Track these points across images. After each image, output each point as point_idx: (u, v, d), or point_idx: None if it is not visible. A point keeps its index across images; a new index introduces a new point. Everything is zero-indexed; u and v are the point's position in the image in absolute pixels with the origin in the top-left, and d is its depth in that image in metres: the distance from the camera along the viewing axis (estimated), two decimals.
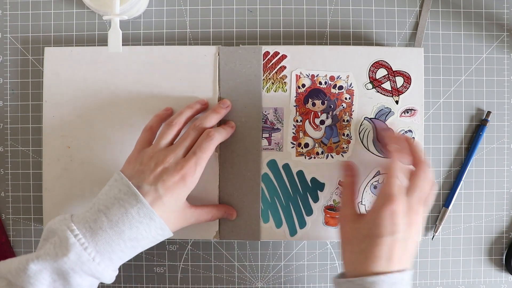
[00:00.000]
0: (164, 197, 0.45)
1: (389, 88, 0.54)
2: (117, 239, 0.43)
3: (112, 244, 0.43)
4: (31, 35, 0.57)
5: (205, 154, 0.47)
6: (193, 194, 0.48)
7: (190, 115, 0.51)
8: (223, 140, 0.51)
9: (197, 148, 0.47)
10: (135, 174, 0.46)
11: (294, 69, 0.54)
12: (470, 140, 0.57)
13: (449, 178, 0.58)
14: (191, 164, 0.46)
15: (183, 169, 0.45)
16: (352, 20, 0.57)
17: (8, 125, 0.57)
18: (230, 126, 0.52)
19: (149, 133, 0.50)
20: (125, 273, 0.57)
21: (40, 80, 0.57)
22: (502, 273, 0.58)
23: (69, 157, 0.55)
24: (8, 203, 0.57)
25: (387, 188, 0.44)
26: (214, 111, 0.51)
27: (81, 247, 0.42)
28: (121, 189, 0.45)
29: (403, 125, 0.54)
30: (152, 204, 0.44)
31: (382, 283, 0.42)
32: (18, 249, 0.57)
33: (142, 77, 0.54)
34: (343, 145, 0.54)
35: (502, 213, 0.58)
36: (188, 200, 0.48)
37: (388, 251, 0.43)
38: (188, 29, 0.57)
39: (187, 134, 0.49)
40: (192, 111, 0.51)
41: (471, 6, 0.58)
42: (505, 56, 0.57)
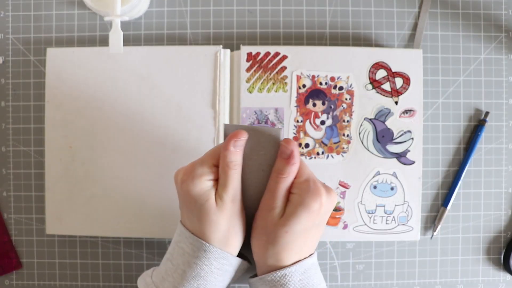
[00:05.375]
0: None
1: (389, 89, 0.55)
2: (181, 280, 0.42)
3: (178, 287, 0.42)
4: (33, 36, 0.57)
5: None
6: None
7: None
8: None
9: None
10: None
11: (295, 69, 0.54)
12: (469, 140, 0.58)
13: (448, 178, 0.58)
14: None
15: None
16: (352, 21, 0.58)
17: (10, 125, 0.57)
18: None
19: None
20: (126, 272, 0.58)
21: (42, 81, 0.57)
22: (500, 272, 0.59)
23: (71, 157, 0.55)
24: (10, 202, 0.57)
25: (312, 184, 0.42)
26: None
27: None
28: (177, 231, 0.44)
29: (402, 126, 0.55)
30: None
31: (294, 274, 0.41)
32: (20, 248, 0.57)
33: (143, 77, 0.55)
34: (343, 145, 0.55)
35: (500, 213, 0.58)
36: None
37: (308, 239, 0.43)
38: (188, 30, 0.57)
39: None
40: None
41: (470, 8, 0.58)
42: (503, 57, 0.58)
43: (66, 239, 0.58)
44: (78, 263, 0.58)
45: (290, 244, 0.42)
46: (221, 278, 0.42)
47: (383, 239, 0.56)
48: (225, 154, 0.41)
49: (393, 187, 0.55)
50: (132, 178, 0.55)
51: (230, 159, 0.41)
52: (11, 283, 0.58)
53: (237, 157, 0.42)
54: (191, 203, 0.42)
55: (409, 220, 0.55)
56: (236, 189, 0.42)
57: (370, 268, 0.58)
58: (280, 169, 0.42)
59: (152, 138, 0.55)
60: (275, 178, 0.42)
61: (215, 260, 0.42)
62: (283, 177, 0.42)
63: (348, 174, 0.55)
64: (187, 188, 0.41)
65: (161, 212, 0.55)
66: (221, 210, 0.41)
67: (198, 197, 0.41)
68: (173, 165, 0.54)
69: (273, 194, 0.42)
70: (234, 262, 0.43)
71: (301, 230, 0.41)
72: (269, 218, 0.42)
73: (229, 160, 0.41)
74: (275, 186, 0.42)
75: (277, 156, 0.43)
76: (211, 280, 0.42)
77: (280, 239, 0.41)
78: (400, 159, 0.55)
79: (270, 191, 0.42)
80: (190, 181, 0.41)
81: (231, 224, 0.42)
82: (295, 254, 0.42)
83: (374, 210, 0.55)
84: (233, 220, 0.42)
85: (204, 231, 0.42)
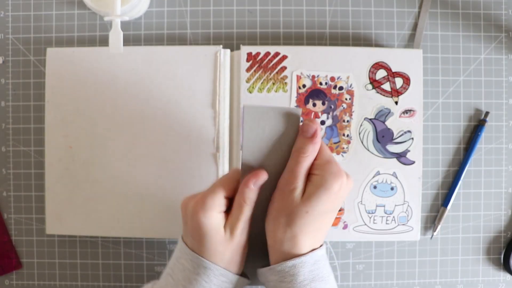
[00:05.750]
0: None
1: (389, 89, 0.55)
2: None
3: None
4: (33, 36, 0.57)
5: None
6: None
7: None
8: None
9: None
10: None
11: (295, 69, 0.54)
12: (469, 140, 0.58)
13: (448, 178, 0.58)
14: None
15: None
16: (352, 21, 0.58)
17: (10, 125, 0.57)
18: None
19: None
20: (126, 272, 0.58)
21: (42, 81, 0.57)
22: (500, 272, 0.59)
23: (71, 157, 0.55)
24: (10, 202, 0.57)
25: (334, 167, 0.42)
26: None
27: None
28: (178, 247, 0.45)
29: (402, 126, 0.55)
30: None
31: (305, 264, 0.41)
32: (20, 248, 0.57)
33: (143, 77, 0.55)
34: (343, 145, 0.55)
35: (500, 213, 0.58)
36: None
37: (323, 224, 0.43)
38: (188, 30, 0.58)
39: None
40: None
41: (470, 7, 0.58)
42: (503, 57, 0.58)
43: (66, 239, 0.58)
44: (78, 263, 0.58)
45: (308, 226, 0.42)
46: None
47: (383, 239, 0.56)
48: (244, 191, 0.42)
49: (393, 187, 0.55)
50: (132, 178, 0.55)
51: (249, 196, 0.42)
52: (11, 283, 0.58)
53: (255, 194, 0.42)
54: (200, 234, 0.42)
55: (409, 220, 0.55)
56: (247, 222, 0.43)
57: (370, 268, 0.58)
58: (301, 147, 0.42)
59: (152, 138, 0.55)
60: (296, 157, 0.42)
61: (214, 277, 0.42)
62: (305, 156, 0.41)
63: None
64: (197, 220, 0.41)
65: (161, 212, 0.55)
66: (228, 242, 0.42)
67: (209, 230, 0.41)
68: (173, 165, 0.54)
69: (294, 173, 0.42)
70: (234, 279, 0.43)
71: (320, 212, 0.41)
72: (289, 199, 0.41)
73: (247, 197, 0.42)
74: (296, 165, 0.42)
75: (299, 135, 0.42)
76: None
77: (300, 220, 0.41)
78: (400, 159, 0.55)
79: (290, 170, 0.42)
80: (202, 213, 0.41)
81: (235, 254, 0.43)
82: (311, 238, 0.42)
83: (374, 210, 0.55)
84: (238, 250, 0.43)
85: (208, 256, 0.42)
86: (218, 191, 0.42)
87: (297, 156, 0.42)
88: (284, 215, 0.42)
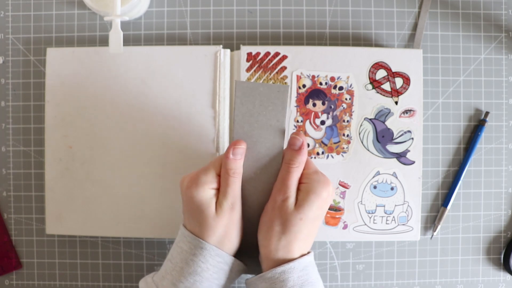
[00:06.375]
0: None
1: (389, 89, 0.55)
2: (179, 277, 0.44)
3: (176, 284, 0.44)
4: (33, 36, 0.57)
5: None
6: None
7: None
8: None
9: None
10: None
11: (295, 69, 0.54)
12: (469, 140, 0.58)
13: (448, 178, 0.58)
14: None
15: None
16: (352, 21, 0.58)
17: (10, 125, 0.57)
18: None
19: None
20: (126, 272, 0.58)
21: (42, 81, 0.57)
22: (500, 272, 0.59)
23: (71, 157, 0.55)
24: (10, 202, 0.57)
25: (321, 177, 0.45)
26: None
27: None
28: (179, 233, 0.46)
29: (402, 126, 0.55)
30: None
31: (293, 270, 0.43)
32: (20, 248, 0.57)
33: (143, 77, 0.55)
34: (343, 145, 0.55)
35: (500, 213, 0.58)
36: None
37: (314, 230, 0.45)
38: (188, 30, 0.58)
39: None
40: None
41: (470, 7, 0.58)
42: (503, 57, 0.58)
43: (66, 239, 0.58)
44: (78, 263, 0.58)
45: (301, 232, 0.44)
46: (216, 275, 0.44)
47: (383, 239, 0.56)
48: (225, 162, 0.44)
49: (393, 187, 0.55)
50: (132, 178, 0.55)
51: (230, 166, 0.44)
52: (11, 283, 0.58)
53: (237, 164, 0.44)
54: (193, 208, 0.44)
55: (409, 220, 0.55)
56: (236, 196, 0.44)
57: (370, 268, 0.58)
58: (291, 159, 0.45)
59: (152, 138, 0.55)
60: (286, 169, 0.45)
61: (210, 257, 0.43)
62: (295, 167, 0.44)
63: (348, 174, 0.55)
64: (190, 195, 0.44)
65: (161, 212, 0.55)
66: (219, 216, 0.44)
67: (200, 204, 0.43)
68: (173, 165, 0.54)
69: (286, 183, 0.44)
70: (229, 260, 0.45)
71: (312, 218, 0.44)
72: (283, 208, 0.44)
73: (228, 168, 0.44)
74: (287, 176, 0.44)
75: (287, 148, 0.46)
76: (207, 277, 0.43)
77: (294, 227, 0.43)
78: (400, 159, 0.55)
79: (282, 181, 0.45)
80: (194, 188, 0.43)
81: (228, 230, 0.44)
82: (303, 244, 0.45)
83: (374, 210, 0.55)
84: (230, 226, 0.44)
85: (203, 233, 0.44)
86: (210, 168, 0.45)
87: (287, 167, 0.45)
88: (278, 224, 0.44)
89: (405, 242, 0.58)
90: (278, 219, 0.44)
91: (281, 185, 0.44)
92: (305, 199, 0.43)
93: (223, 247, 0.44)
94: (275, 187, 0.45)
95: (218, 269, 0.44)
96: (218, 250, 0.44)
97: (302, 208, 0.43)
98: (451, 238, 0.58)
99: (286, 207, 0.44)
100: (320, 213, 0.44)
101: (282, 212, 0.44)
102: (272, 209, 0.44)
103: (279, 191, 0.44)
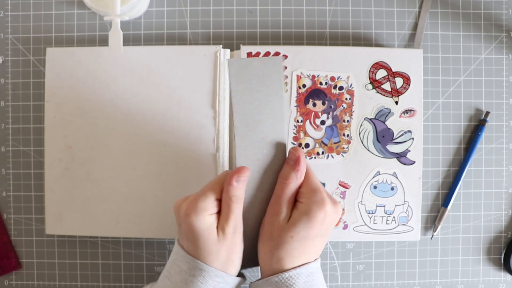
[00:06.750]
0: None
1: (389, 89, 0.55)
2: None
3: None
4: (33, 36, 0.57)
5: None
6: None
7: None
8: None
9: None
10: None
11: (295, 69, 0.54)
12: (469, 140, 0.58)
13: (448, 178, 0.58)
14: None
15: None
16: (352, 21, 0.58)
17: (9, 125, 0.57)
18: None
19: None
20: (126, 272, 0.58)
21: (41, 81, 0.57)
22: (501, 272, 0.58)
23: (71, 157, 0.55)
24: (9, 202, 0.57)
25: (318, 191, 0.44)
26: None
27: None
28: (174, 250, 0.45)
29: (403, 126, 0.55)
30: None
31: (300, 276, 0.43)
32: (20, 248, 0.57)
33: (143, 77, 0.55)
34: (343, 145, 0.55)
35: (501, 213, 0.58)
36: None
37: (311, 247, 0.44)
38: (188, 30, 0.57)
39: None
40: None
41: (470, 7, 0.58)
42: (503, 57, 0.58)
43: (66, 239, 0.58)
44: (78, 263, 0.58)
45: (294, 250, 0.43)
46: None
47: (383, 239, 0.56)
48: (228, 189, 0.43)
49: (393, 187, 0.55)
50: (132, 178, 0.55)
51: (234, 193, 0.43)
52: (10, 283, 0.58)
53: (240, 191, 0.43)
54: (194, 235, 0.43)
55: (409, 220, 0.55)
56: (238, 220, 0.44)
57: (370, 268, 0.58)
58: (285, 174, 0.44)
59: (152, 138, 0.54)
60: (280, 184, 0.44)
61: (210, 278, 0.42)
62: (287, 183, 0.44)
63: (348, 174, 0.55)
64: (190, 222, 0.42)
65: (161, 212, 0.55)
66: (222, 242, 0.43)
67: (201, 231, 0.42)
68: (173, 165, 0.54)
69: (279, 199, 0.44)
70: (230, 280, 0.44)
71: (305, 237, 0.43)
72: (275, 223, 0.44)
73: (232, 195, 0.43)
74: (280, 192, 0.44)
75: (285, 163, 0.45)
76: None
77: (285, 244, 0.43)
78: (400, 159, 0.55)
79: (276, 196, 0.44)
80: (193, 215, 0.42)
81: (230, 253, 0.43)
82: (297, 259, 0.44)
83: (374, 210, 0.55)
84: (233, 250, 0.44)
85: (205, 259, 0.43)
86: (209, 193, 0.43)
87: (281, 182, 0.44)
88: (271, 238, 0.44)
89: (405, 242, 0.58)
90: (272, 233, 0.44)
91: (275, 201, 0.44)
92: (297, 219, 0.43)
93: (226, 270, 0.43)
94: (271, 201, 0.45)
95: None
96: (218, 271, 0.43)
97: (294, 227, 0.43)
98: (451, 238, 0.58)
99: (278, 222, 0.43)
100: (316, 233, 0.43)
101: (275, 227, 0.43)
102: (268, 223, 0.44)
103: (273, 206, 0.44)
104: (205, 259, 0.43)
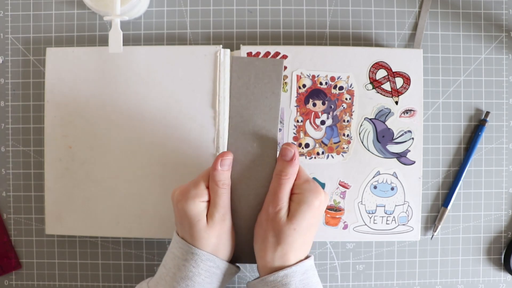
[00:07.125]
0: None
1: (389, 89, 0.54)
2: (172, 282, 0.44)
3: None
4: (32, 36, 0.57)
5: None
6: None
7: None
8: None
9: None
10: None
11: (295, 69, 0.54)
12: (469, 140, 0.58)
13: (448, 178, 0.58)
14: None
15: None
16: (352, 20, 0.58)
17: (9, 125, 0.57)
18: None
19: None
20: (126, 272, 0.58)
21: (41, 81, 0.57)
22: (501, 272, 0.58)
23: (71, 157, 0.55)
24: (9, 202, 0.57)
25: (314, 186, 0.45)
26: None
27: None
28: (172, 240, 0.47)
29: (403, 126, 0.55)
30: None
31: (295, 274, 0.43)
32: (19, 248, 0.57)
33: (143, 77, 0.54)
34: (343, 145, 0.55)
35: (501, 213, 0.58)
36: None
37: (310, 237, 0.46)
38: (188, 30, 0.57)
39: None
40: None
41: (470, 7, 0.58)
42: (503, 57, 0.58)
43: (66, 239, 0.57)
44: (78, 264, 0.58)
45: (296, 242, 0.44)
46: (208, 280, 0.44)
47: (383, 239, 0.56)
48: (214, 174, 0.44)
49: (393, 187, 0.55)
50: (132, 178, 0.55)
51: (219, 178, 0.44)
52: (10, 283, 0.58)
53: (225, 175, 0.45)
54: (185, 221, 0.44)
55: (409, 220, 0.55)
56: (226, 207, 0.45)
57: (370, 268, 0.58)
58: (282, 170, 0.45)
59: (152, 138, 0.54)
60: (278, 180, 0.45)
61: (201, 262, 0.44)
62: (286, 178, 0.44)
63: (348, 174, 0.55)
64: (181, 208, 0.44)
65: (161, 212, 0.55)
66: (211, 228, 0.44)
67: (192, 217, 0.44)
68: (173, 165, 0.54)
69: (278, 195, 0.44)
70: (221, 265, 0.45)
71: (306, 227, 0.44)
72: (276, 219, 0.44)
73: (217, 179, 0.44)
74: (279, 187, 0.44)
75: (278, 159, 0.45)
76: (199, 281, 0.44)
77: (289, 237, 0.44)
78: (400, 159, 0.55)
79: (274, 193, 0.45)
80: (184, 202, 0.44)
81: (220, 239, 0.45)
82: (299, 252, 0.45)
83: (374, 210, 0.55)
84: (222, 236, 0.45)
85: (196, 244, 0.44)
86: (200, 181, 0.45)
87: (279, 178, 0.45)
88: (273, 235, 0.44)
89: (406, 242, 0.58)
90: (272, 230, 0.44)
91: (273, 197, 0.45)
92: (298, 210, 0.44)
93: (217, 255, 0.45)
94: (267, 199, 0.45)
95: (210, 274, 0.44)
96: (209, 254, 0.44)
97: (295, 219, 0.43)
98: (451, 238, 0.58)
99: (278, 218, 0.44)
100: (314, 221, 0.45)
101: (275, 224, 0.44)
102: (266, 221, 0.45)
103: (271, 203, 0.45)
104: (196, 243, 0.44)
